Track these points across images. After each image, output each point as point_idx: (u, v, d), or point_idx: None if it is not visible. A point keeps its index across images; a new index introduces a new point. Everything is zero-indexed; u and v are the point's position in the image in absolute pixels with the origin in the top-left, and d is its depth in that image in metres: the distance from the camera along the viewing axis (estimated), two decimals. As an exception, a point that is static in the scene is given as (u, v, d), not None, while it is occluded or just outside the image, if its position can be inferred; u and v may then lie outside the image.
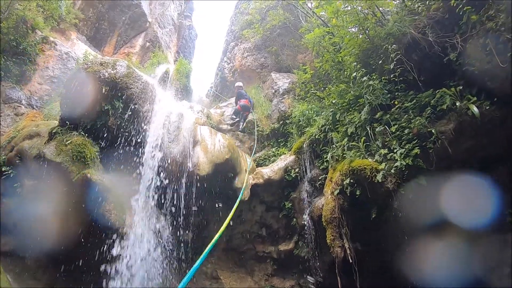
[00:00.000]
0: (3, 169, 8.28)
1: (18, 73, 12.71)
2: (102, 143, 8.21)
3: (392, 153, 6.22)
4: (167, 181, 8.53)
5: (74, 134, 7.93)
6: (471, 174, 5.51)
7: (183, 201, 8.84)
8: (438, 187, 5.68)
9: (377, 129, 6.78)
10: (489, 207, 5.43)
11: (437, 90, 6.05)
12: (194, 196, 8.95)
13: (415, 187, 5.82)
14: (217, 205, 9.60)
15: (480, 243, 5.62)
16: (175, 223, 8.69)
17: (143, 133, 8.68)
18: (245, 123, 14.24)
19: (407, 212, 5.93)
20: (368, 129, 7.09)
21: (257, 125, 13.91)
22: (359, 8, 8.73)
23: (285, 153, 11.47)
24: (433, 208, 5.71)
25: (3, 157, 8.73)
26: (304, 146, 9.99)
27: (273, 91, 15.02)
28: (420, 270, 6.02)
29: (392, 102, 6.91)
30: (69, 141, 7.70)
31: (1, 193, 7.89)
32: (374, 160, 6.52)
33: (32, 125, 9.86)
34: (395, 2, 8.72)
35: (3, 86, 12.01)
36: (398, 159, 5.97)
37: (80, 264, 6.98)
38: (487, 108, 5.39)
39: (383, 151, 6.41)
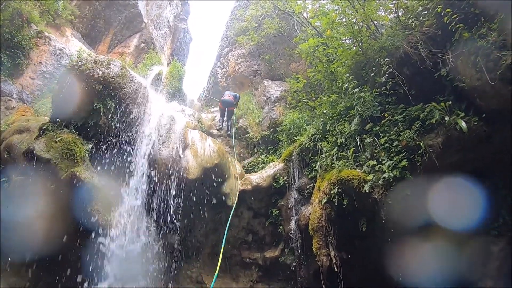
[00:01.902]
0: (-10, 163, 8.16)
1: (10, 66, 12.63)
2: (93, 142, 8.17)
3: (380, 165, 6.32)
4: (156, 183, 8.52)
5: (64, 131, 7.85)
6: (457, 181, 5.65)
7: (171, 204, 8.81)
8: (424, 195, 5.79)
9: (366, 141, 6.88)
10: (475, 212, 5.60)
11: (427, 105, 6.19)
12: (182, 200, 8.93)
13: (401, 197, 5.90)
14: (204, 209, 9.59)
15: (467, 246, 5.76)
16: (162, 226, 8.66)
17: (134, 134, 8.66)
18: (232, 125, 14.21)
19: (394, 221, 6.00)
20: (358, 140, 7.20)
21: (247, 131, 13.95)
22: (354, 20, 8.84)
23: (274, 161, 11.48)
24: (420, 216, 5.81)
25: (-9, 151, 8.59)
26: (294, 154, 10.01)
27: (265, 98, 15.01)
28: (407, 279, 6.08)
29: (382, 114, 7.02)
30: (59, 138, 7.62)
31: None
32: (363, 171, 6.60)
33: (22, 120, 9.78)
34: (390, 16, 8.85)
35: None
36: (386, 171, 6.07)
37: (65, 262, 6.95)
38: (475, 123, 5.54)
39: (371, 162, 6.51)
